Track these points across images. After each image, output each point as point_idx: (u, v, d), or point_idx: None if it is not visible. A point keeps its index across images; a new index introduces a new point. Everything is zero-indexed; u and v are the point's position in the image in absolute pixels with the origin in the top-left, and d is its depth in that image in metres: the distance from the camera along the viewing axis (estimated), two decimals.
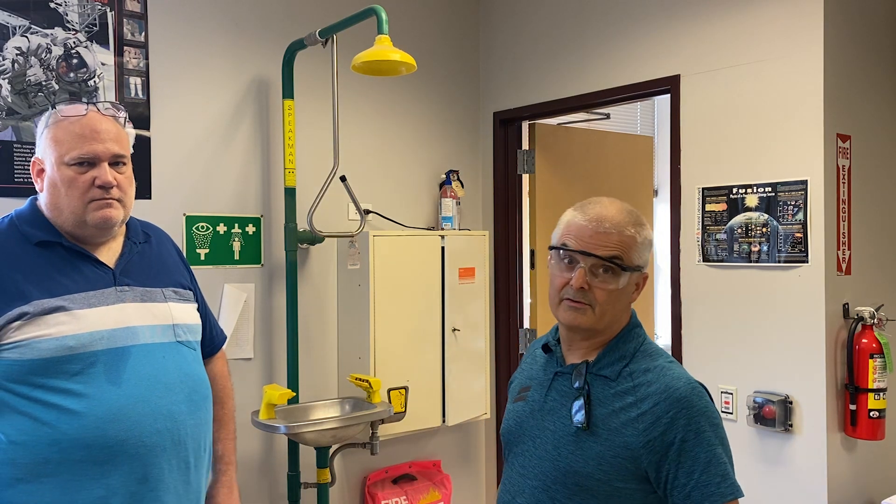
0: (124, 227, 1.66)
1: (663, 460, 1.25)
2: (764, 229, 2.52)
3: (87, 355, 1.46)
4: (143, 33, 2.62)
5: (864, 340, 2.42)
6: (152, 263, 1.67)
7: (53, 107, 1.58)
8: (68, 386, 1.44)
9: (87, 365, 1.46)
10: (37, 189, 1.58)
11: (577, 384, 1.34)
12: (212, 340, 1.86)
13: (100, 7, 2.53)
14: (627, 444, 1.26)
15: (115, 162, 1.55)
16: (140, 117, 2.60)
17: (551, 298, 1.38)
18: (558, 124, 3.75)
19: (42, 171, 1.56)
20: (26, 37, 2.40)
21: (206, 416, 1.65)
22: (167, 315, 1.61)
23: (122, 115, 1.60)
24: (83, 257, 1.55)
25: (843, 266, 2.46)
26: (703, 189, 2.68)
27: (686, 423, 1.24)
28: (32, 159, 1.58)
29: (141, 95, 2.61)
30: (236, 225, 2.83)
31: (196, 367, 1.65)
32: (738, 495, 1.26)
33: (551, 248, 1.38)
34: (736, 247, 2.59)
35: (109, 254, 1.60)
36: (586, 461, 1.28)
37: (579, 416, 1.31)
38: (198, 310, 1.75)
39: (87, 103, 1.57)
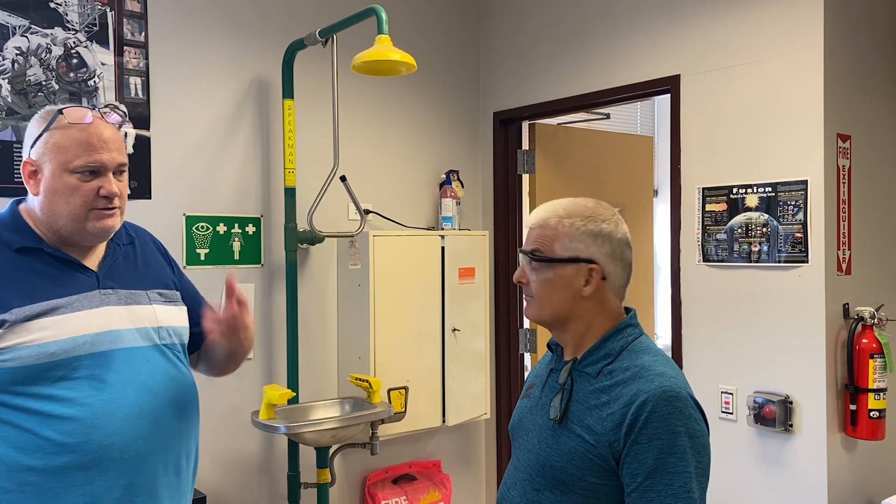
0: None
1: (621, 461, 1.26)
2: (764, 229, 2.52)
3: (69, 360, 1.43)
4: (143, 33, 2.62)
5: (864, 340, 2.42)
6: (137, 265, 1.63)
7: (60, 112, 1.50)
8: (51, 392, 1.41)
9: (70, 370, 1.43)
10: (29, 191, 1.53)
11: (560, 380, 1.37)
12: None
13: (100, 7, 2.53)
14: (596, 442, 1.27)
15: (118, 171, 1.53)
16: (140, 117, 2.60)
17: None
18: (558, 124, 3.74)
19: (35, 172, 1.50)
20: (26, 37, 2.40)
21: (192, 420, 1.62)
22: (152, 318, 1.58)
23: (122, 119, 1.58)
24: (66, 262, 1.51)
25: (843, 266, 2.46)
26: (703, 189, 2.68)
27: (642, 426, 1.23)
28: (24, 160, 1.52)
29: (141, 95, 2.61)
30: (236, 225, 2.83)
31: (182, 370, 1.61)
32: None
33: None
34: (736, 247, 2.59)
35: (93, 257, 1.56)
36: (560, 455, 1.31)
37: (553, 411, 1.34)
38: (184, 300, 1.69)
39: (91, 108, 1.53)
